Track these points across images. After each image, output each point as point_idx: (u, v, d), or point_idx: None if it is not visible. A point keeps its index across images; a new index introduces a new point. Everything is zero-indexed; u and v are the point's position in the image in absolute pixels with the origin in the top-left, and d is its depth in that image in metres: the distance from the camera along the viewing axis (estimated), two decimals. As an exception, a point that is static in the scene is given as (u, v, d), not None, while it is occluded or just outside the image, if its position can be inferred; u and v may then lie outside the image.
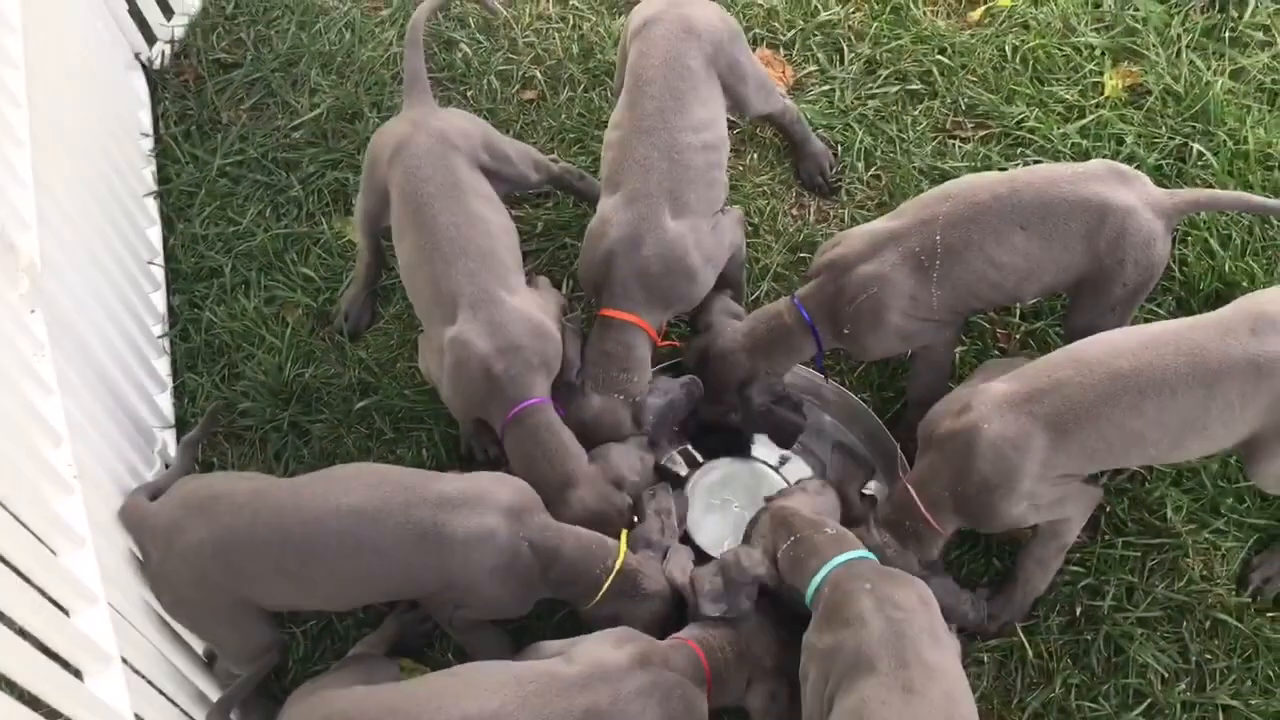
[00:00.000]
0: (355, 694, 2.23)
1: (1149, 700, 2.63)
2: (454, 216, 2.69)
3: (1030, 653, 2.67)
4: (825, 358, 2.83)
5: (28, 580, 1.89)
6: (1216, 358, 2.31)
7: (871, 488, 2.77)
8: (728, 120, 3.39)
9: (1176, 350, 2.33)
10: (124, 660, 2.09)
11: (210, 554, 2.34)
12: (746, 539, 2.58)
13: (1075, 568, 2.74)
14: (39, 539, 1.98)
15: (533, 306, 2.68)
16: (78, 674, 1.99)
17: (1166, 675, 2.65)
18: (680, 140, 2.75)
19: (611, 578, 2.43)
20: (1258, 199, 2.82)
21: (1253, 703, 2.60)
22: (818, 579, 2.32)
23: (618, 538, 2.51)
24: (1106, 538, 2.80)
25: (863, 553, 2.38)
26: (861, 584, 2.25)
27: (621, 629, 2.36)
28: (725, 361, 2.78)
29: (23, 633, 1.83)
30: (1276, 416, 2.35)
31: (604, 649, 2.26)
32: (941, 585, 2.53)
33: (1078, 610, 2.72)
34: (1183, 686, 2.64)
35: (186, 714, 2.36)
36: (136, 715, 2.05)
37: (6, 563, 1.85)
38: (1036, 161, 3.27)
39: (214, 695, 2.55)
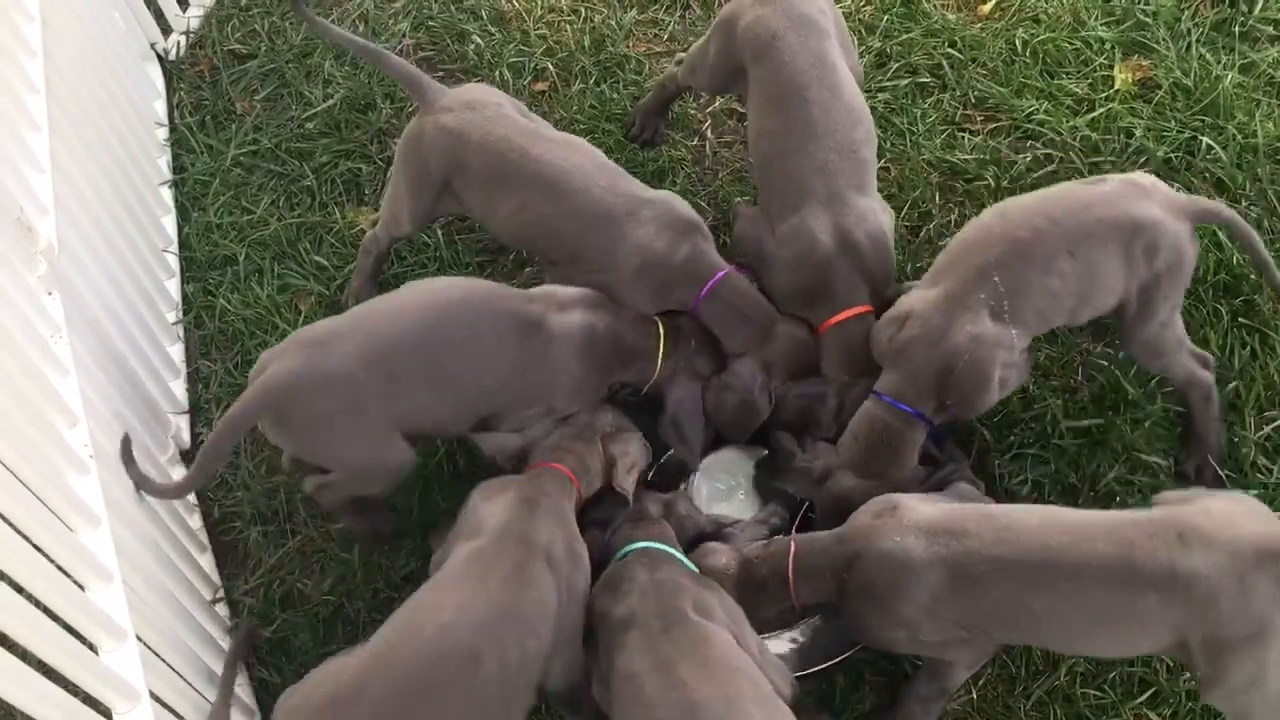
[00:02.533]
0: (344, 663, 2.24)
1: (1153, 689, 2.64)
2: (554, 152, 2.77)
3: (1036, 641, 2.68)
4: None
5: (46, 556, 1.92)
6: (1143, 558, 2.20)
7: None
8: (739, 113, 3.42)
9: (1107, 541, 2.23)
10: (138, 638, 2.12)
11: (348, 376, 2.43)
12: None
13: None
14: (57, 516, 2.01)
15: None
16: (93, 650, 2.02)
17: (1171, 664, 2.66)
18: (852, 137, 2.77)
19: (663, 340, 2.75)
20: (1261, 249, 2.74)
21: (1257, 692, 2.62)
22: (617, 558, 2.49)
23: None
24: (1112, 527, 2.82)
25: (664, 545, 2.47)
26: (641, 556, 2.43)
27: (485, 486, 2.51)
28: (838, 497, 2.65)
29: (41, 608, 1.86)
30: (1202, 630, 2.19)
31: (482, 511, 2.43)
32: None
33: (1083, 599, 2.73)
34: (1187, 675, 2.65)
35: (200, 694, 2.39)
36: (151, 692, 2.08)
37: (26, 538, 1.88)
38: (1046, 154, 3.29)
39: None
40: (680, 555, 2.51)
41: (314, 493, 2.68)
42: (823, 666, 2.63)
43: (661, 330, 2.77)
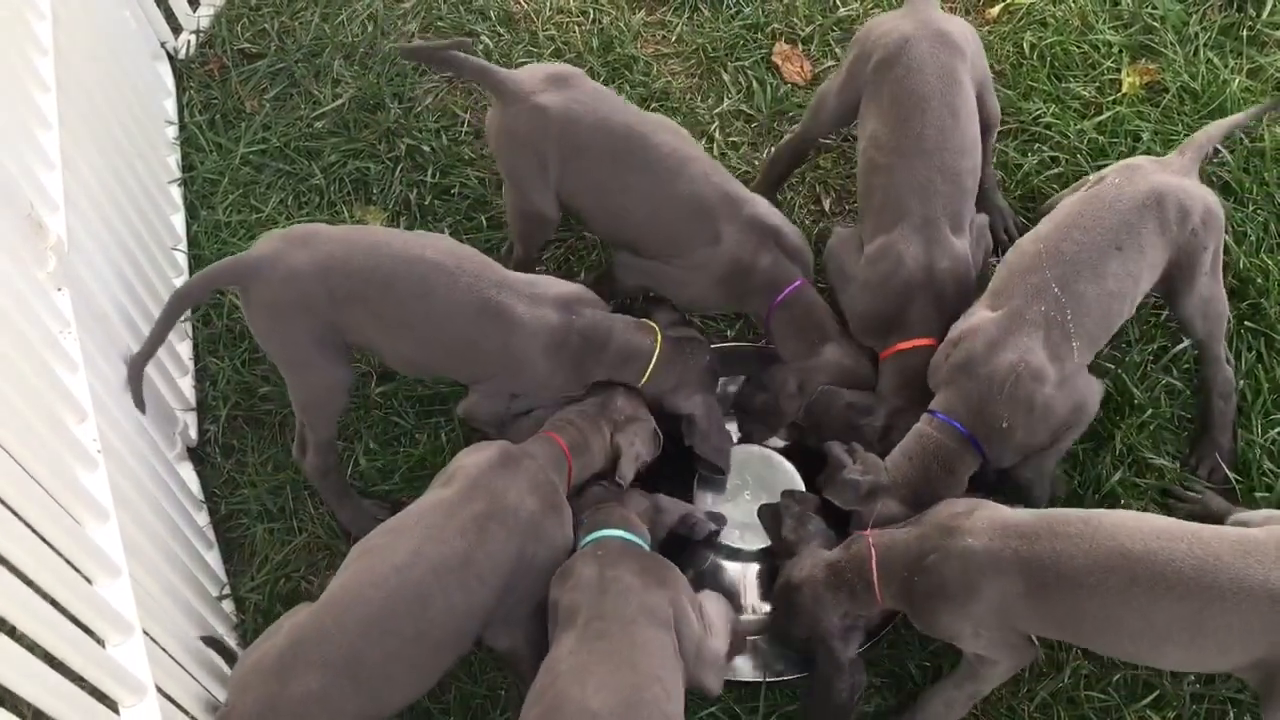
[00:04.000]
0: (299, 615, 2.32)
1: (1157, 692, 2.64)
2: (667, 139, 2.80)
3: (1039, 642, 2.68)
4: None
5: (54, 549, 1.93)
6: (1229, 575, 2.15)
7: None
8: (747, 115, 3.42)
9: (1189, 553, 2.18)
10: (145, 633, 2.13)
11: (313, 276, 2.53)
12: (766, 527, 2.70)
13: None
14: (65, 510, 2.02)
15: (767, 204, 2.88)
16: (101, 644, 2.03)
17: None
18: (959, 164, 2.74)
19: (659, 347, 2.74)
20: (1239, 115, 2.95)
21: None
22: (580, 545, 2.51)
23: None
24: (1117, 530, 2.82)
25: (620, 532, 2.48)
26: (596, 550, 2.43)
27: (476, 445, 2.58)
28: (884, 521, 2.56)
29: (49, 601, 1.87)
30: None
31: (461, 462, 2.51)
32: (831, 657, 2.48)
33: (1088, 602, 2.73)
34: (1192, 678, 2.65)
35: (207, 690, 2.40)
36: (157, 687, 2.09)
37: (35, 532, 1.89)
38: (1053, 157, 3.30)
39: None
40: (639, 540, 2.50)
41: (298, 458, 2.83)
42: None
43: (659, 337, 2.77)
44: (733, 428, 2.97)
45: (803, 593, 2.50)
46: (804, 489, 2.83)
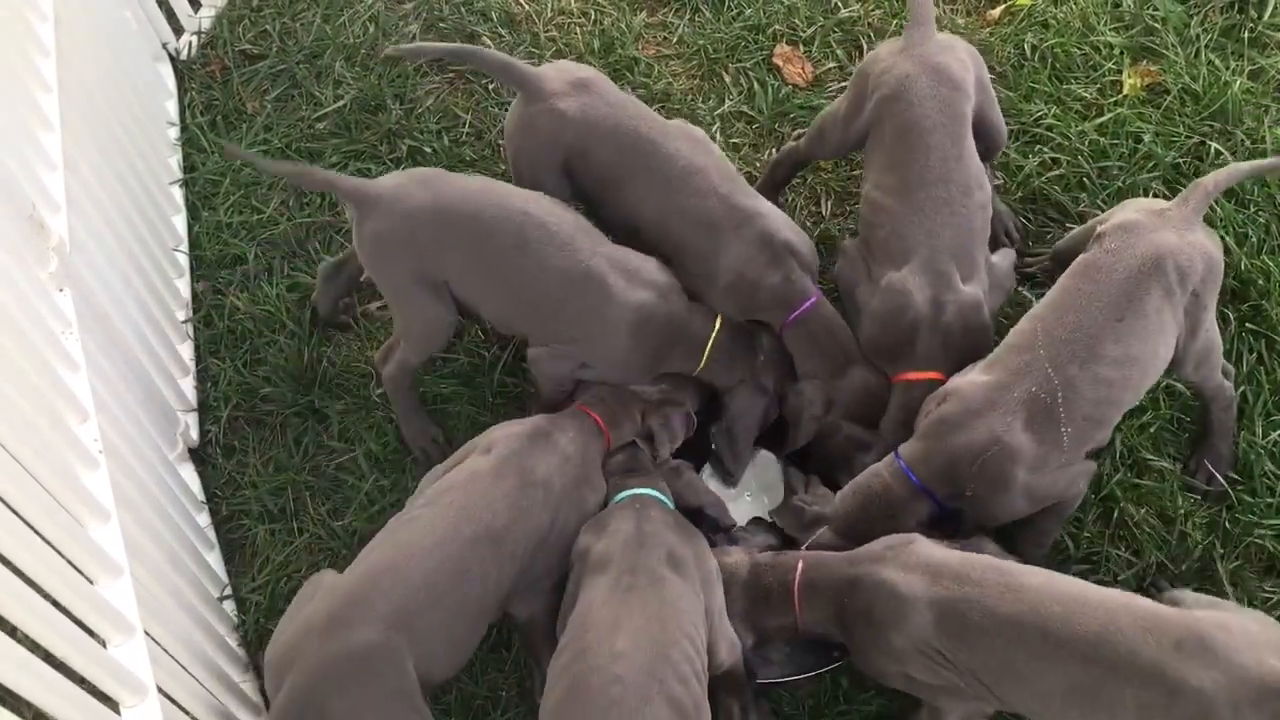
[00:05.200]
0: (333, 582, 2.36)
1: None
2: (680, 148, 2.81)
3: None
4: None
5: (56, 550, 1.94)
6: (1126, 652, 2.14)
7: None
8: (749, 116, 3.43)
9: (1096, 621, 2.18)
10: (146, 634, 2.13)
11: (427, 218, 2.64)
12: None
13: (1081, 565, 2.77)
14: (67, 510, 2.02)
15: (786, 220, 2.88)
16: (102, 644, 2.03)
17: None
18: (966, 200, 2.72)
19: (716, 333, 2.76)
20: (1250, 164, 2.81)
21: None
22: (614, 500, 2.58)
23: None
24: (1119, 531, 2.82)
25: (654, 492, 2.56)
26: (633, 504, 2.51)
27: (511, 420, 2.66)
28: (821, 548, 2.58)
29: (50, 601, 1.87)
30: None
31: (497, 433, 2.58)
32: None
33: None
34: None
35: (208, 690, 2.40)
36: (158, 687, 2.09)
37: (36, 532, 1.90)
38: (1054, 158, 3.30)
39: (236, 676, 2.60)
40: (669, 502, 2.57)
41: (378, 362, 2.92)
42: (824, 669, 2.64)
43: (718, 324, 2.78)
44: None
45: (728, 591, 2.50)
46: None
